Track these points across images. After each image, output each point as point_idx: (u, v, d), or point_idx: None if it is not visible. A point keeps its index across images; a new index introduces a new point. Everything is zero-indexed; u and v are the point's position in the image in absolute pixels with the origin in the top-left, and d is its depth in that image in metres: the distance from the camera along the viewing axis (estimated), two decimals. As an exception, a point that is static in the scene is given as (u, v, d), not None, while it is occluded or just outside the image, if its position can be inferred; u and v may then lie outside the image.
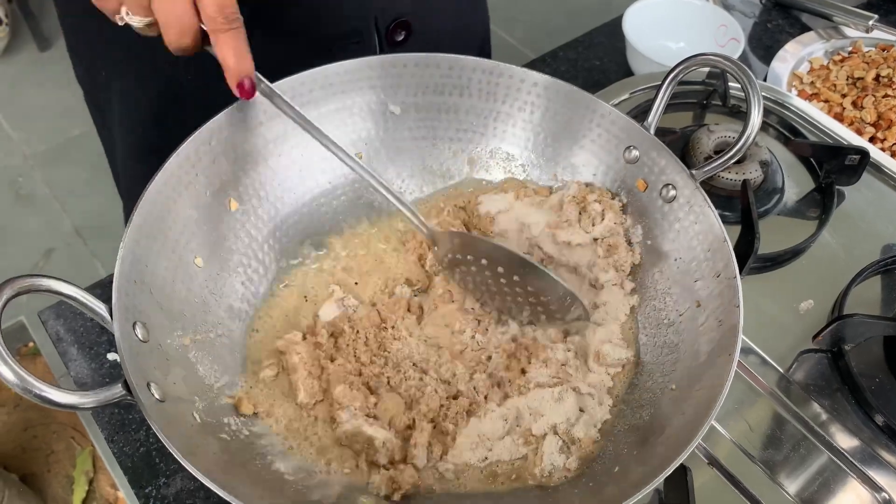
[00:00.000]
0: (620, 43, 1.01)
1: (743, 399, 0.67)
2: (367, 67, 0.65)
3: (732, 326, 0.53)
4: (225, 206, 0.62)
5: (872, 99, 0.93)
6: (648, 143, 0.63)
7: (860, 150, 0.80)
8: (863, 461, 0.63)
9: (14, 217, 2.01)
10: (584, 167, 0.67)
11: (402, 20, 0.78)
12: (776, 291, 0.74)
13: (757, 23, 1.10)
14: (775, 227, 0.79)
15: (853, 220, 0.81)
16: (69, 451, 1.51)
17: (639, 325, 0.63)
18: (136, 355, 0.48)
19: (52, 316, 0.77)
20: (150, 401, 0.46)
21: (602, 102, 0.64)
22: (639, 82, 0.89)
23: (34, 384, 0.42)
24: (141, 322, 0.50)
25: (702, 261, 0.58)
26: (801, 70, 1.00)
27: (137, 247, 0.53)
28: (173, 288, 0.56)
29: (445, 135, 0.69)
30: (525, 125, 0.68)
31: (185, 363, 0.54)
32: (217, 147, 0.60)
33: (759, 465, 0.63)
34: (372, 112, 0.67)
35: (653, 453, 0.52)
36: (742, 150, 0.59)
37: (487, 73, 0.66)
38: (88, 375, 0.73)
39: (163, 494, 0.65)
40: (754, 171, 0.79)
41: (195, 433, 0.50)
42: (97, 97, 0.87)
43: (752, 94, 0.58)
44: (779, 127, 0.89)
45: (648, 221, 0.64)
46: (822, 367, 0.69)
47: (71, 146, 2.13)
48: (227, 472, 0.48)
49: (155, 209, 0.55)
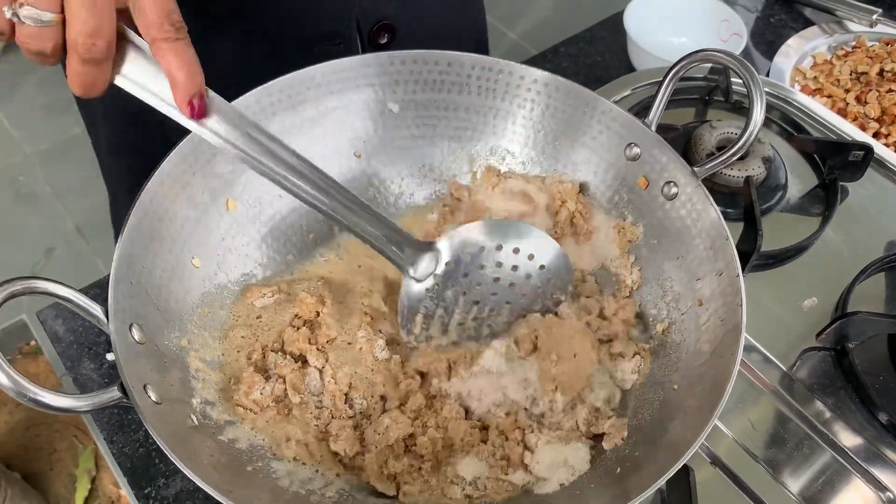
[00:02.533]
0: (622, 38, 1.00)
1: (745, 397, 0.66)
2: (364, 65, 0.64)
3: (735, 325, 0.52)
4: (223, 206, 0.61)
5: (876, 94, 0.92)
6: (650, 140, 0.62)
7: (864, 145, 0.79)
8: (867, 460, 0.62)
9: (15, 216, 2.01)
10: (585, 165, 0.67)
11: (384, 22, 0.78)
12: (779, 289, 0.74)
13: (760, 18, 1.09)
14: (778, 224, 0.78)
15: (857, 216, 0.80)
16: (72, 450, 1.52)
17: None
18: (133, 357, 0.48)
19: (51, 316, 0.76)
20: (147, 403, 0.46)
21: (602, 99, 0.64)
22: (640, 78, 0.88)
23: (29, 388, 0.41)
24: (137, 324, 0.50)
25: (704, 259, 0.58)
26: (804, 65, 0.99)
27: (134, 248, 0.53)
28: (170, 289, 0.55)
29: (445, 133, 0.68)
30: (525, 122, 0.68)
31: (183, 365, 0.54)
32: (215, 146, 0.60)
33: (762, 464, 0.62)
34: (370, 110, 0.67)
35: (655, 454, 0.52)
36: (744, 147, 0.58)
37: (487, 69, 0.65)
38: (88, 376, 0.72)
39: (162, 495, 0.65)
40: (757, 167, 0.79)
41: (192, 435, 0.49)
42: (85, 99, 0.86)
43: (754, 90, 0.57)
44: (782, 123, 0.88)
45: (650, 219, 0.63)
46: (826, 365, 0.69)
47: (72, 144, 2.13)
48: (224, 475, 0.47)
49: (151, 209, 0.54)
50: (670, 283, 0.61)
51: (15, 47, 2.43)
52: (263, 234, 0.64)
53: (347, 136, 0.67)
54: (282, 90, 0.62)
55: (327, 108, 0.65)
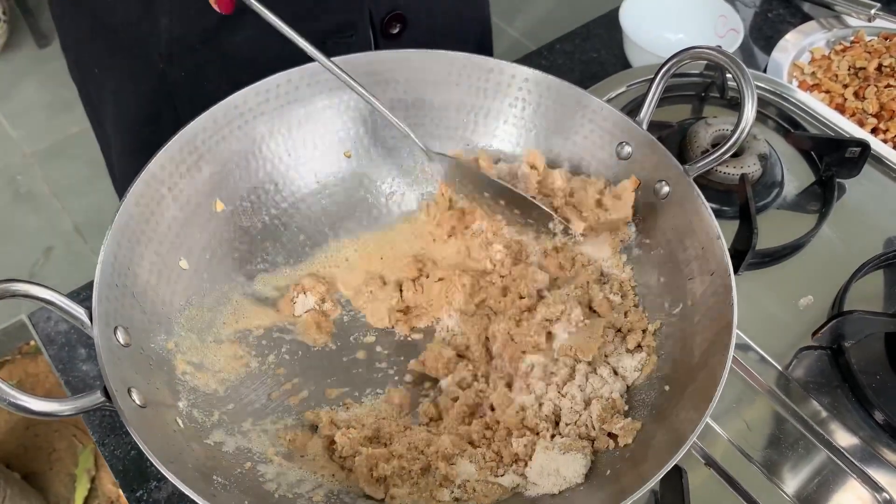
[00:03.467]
0: (618, 34, 0.99)
1: (741, 397, 0.65)
2: (354, 65, 0.64)
3: (727, 325, 0.52)
4: (210, 207, 0.61)
5: (874, 89, 0.91)
6: (641, 138, 0.61)
7: (861, 142, 0.78)
8: (863, 460, 0.62)
9: (13, 215, 2.00)
10: (577, 164, 0.66)
11: (396, 12, 0.77)
12: (775, 287, 0.73)
13: (758, 12, 1.08)
14: (774, 222, 0.77)
15: (854, 213, 0.79)
16: (71, 450, 1.52)
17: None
18: (117, 360, 0.47)
19: (43, 318, 0.76)
20: (130, 406, 0.45)
21: (593, 98, 0.63)
22: (636, 75, 0.88)
23: (8, 392, 0.41)
24: (122, 326, 0.50)
25: (695, 259, 0.57)
26: (801, 60, 0.98)
27: (119, 250, 0.52)
28: (157, 291, 0.55)
29: (435, 132, 0.68)
30: (516, 121, 0.67)
31: (169, 368, 0.53)
32: (202, 147, 0.59)
33: (757, 465, 0.62)
34: (360, 110, 0.66)
35: (646, 455, 0.51)
36: (736, 146, 0.58)
37: (477, 69, 0.65)
38: (81, 378, 0.72)
39: (154, 498, 0.64)
40: (753, 164, 0.78)
41: (178, 439, 0.49)
42: (91, 95, 0.86)
43: (745, 87, 0.56)
44: (778, 119, 0.87)
45: (642, 219, 0.63)
46: (822, 365, 0.68)
47: (70, 143, 2.13)
48: (209, 479, 0.47)
49: (137, 211, 0.54)
50: (662, 282, 0.61)
51: (14, 44, 2.44)
52: (252, 235, 0.64)
53: (338, 135, 0.67)
54: (270, 90, 0.62)
55: (317, 107, 0.65)
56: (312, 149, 0.65)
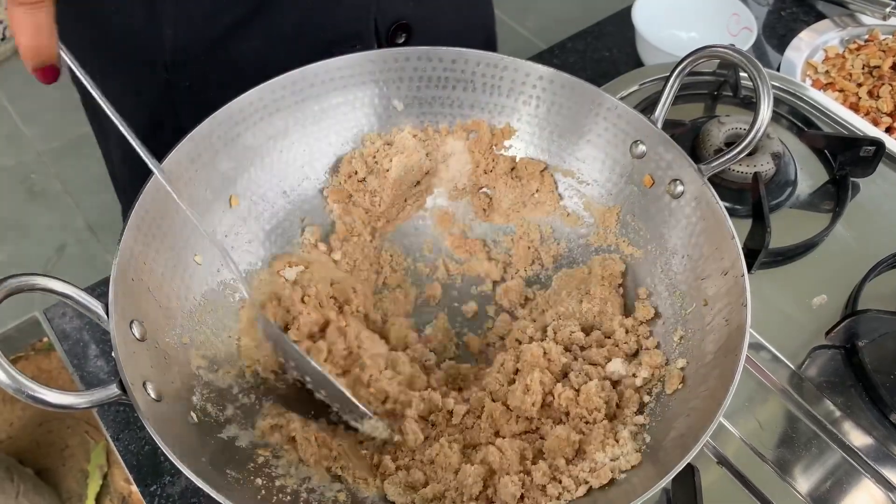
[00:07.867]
0: (630, 33, 0.99)
1: (754, 396, 0.65)
2: (369, 61, 0.64)
3: (739, 326, 0.52)
4: (226, 203, 0.61)
5: (889, 88, 0.91)
6: (655, 137, 0.61)
7: (875, 141, 0.78)
8: (877, 460, 0.61)
9: (27, 213, 2.02)
10: (591, 162, 0.66)
11: (402, 22, 0.77)
12: (788, 286, 0.73)
13: (771, 11, 1.08)
14: (788, 221, 0.77)
15: (868, 212, 0.79)
16: (83, 446, 1.52)
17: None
18: (133, 354, 0.48)
19: (58, 314, 0.77)
20: (146, 400, 0.46)
21: (608, 96, 0.63)
22: (648, 73, 0.88)
23: (27, 385, 0.41)
24: (138, 321, 0.50)
25: (709, 258, 0.57)
26: (815, 59, 0.98)
27: (136, 245, 0.53)
28: (172, 286, 0.55)
29: (450, 129, 0.68)
30: (530, 119, 0.67)
31: (184, 362, 0.54)
32: (217, 143, 0.60)
33: (770, 464, 0.62)
34: (374, 107, 0.66)
35: (658, 454, 0.51)
36: (751, 145, 0.57)
37: (492, 66, 0.65)
38: (94, 374, 0.73)
39: (168, 493, 0.65)
40: (766, 163, 0.78)
41: (192, 433, 0.49)
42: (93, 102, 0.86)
43: (761, 86, 0.56)
44: (792, 118, 0.87)
45: (655, 218, 0.63)
46: (836, 364, 0.68)
47: (84, 142, 2.14)
48: (224, 473, 0.47)
49: (154, 207, 0.54)
50: (675, 282, 0.61)
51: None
52: (267, 230, 0.64)
53: (352, 132, 0.67)
54: (285, 86, 0.62)
55: (331, 104, 0.65)
56: (326, 145, 0.66)
